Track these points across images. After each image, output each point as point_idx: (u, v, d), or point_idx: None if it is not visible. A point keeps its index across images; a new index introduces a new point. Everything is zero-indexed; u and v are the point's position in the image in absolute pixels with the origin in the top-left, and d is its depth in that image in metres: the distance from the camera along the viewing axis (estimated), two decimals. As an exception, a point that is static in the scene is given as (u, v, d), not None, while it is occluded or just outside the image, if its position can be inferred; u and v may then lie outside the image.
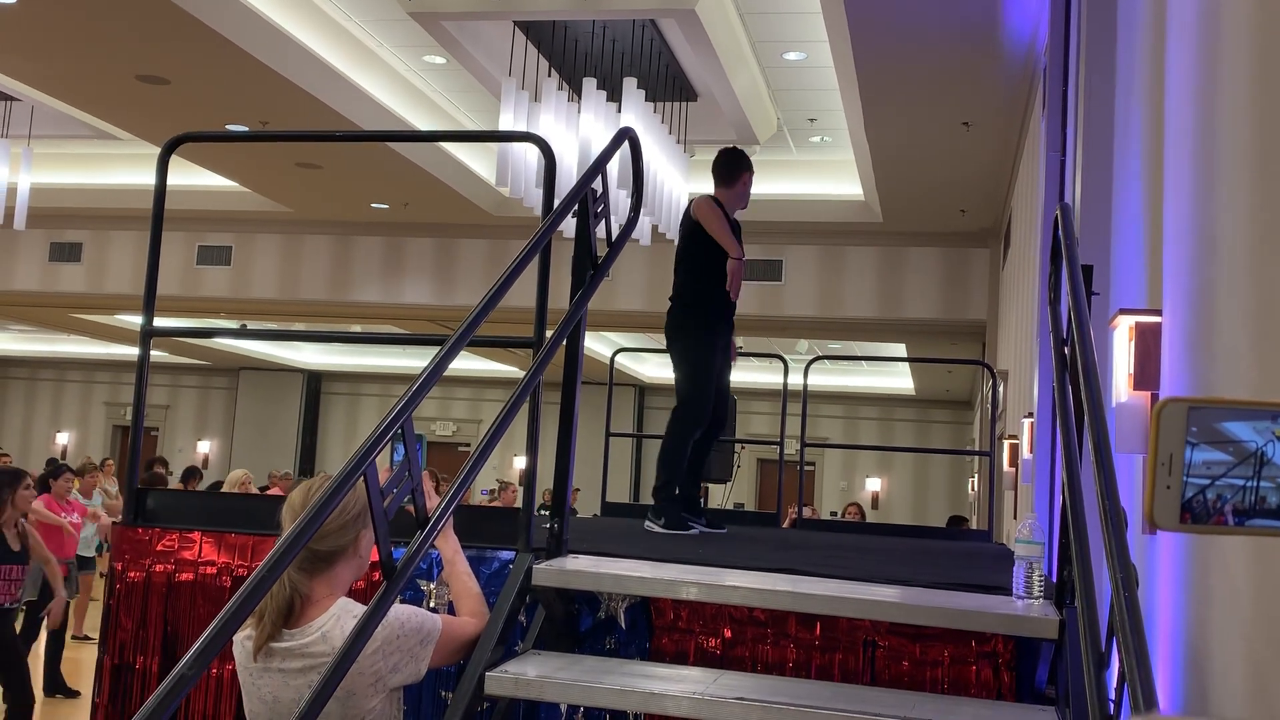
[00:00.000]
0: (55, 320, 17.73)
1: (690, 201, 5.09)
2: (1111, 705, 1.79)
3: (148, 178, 9.01)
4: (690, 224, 5.03)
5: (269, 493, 10.75)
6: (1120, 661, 1.66)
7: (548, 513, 3.18)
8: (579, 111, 8.11)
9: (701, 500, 5.44)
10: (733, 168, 5.14)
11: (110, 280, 14.56)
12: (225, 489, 10.05)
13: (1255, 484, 1.16)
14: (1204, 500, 1.17)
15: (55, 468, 9.69)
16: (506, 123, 7.84)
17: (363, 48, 9.83)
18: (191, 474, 13.54)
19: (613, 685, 2.55)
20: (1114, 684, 1.86)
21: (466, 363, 19.39)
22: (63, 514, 8.78)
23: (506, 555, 3.04)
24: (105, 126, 11.47)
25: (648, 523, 4.75)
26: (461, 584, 2.69)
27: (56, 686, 8.36)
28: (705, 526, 4.93)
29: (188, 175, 12.40)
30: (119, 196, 13.58)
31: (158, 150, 3.51)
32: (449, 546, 2.72)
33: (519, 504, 3.09)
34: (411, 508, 2.25)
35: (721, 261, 4.91)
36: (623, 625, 3.05)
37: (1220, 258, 2.19)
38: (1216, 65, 2.30)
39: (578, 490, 14.75)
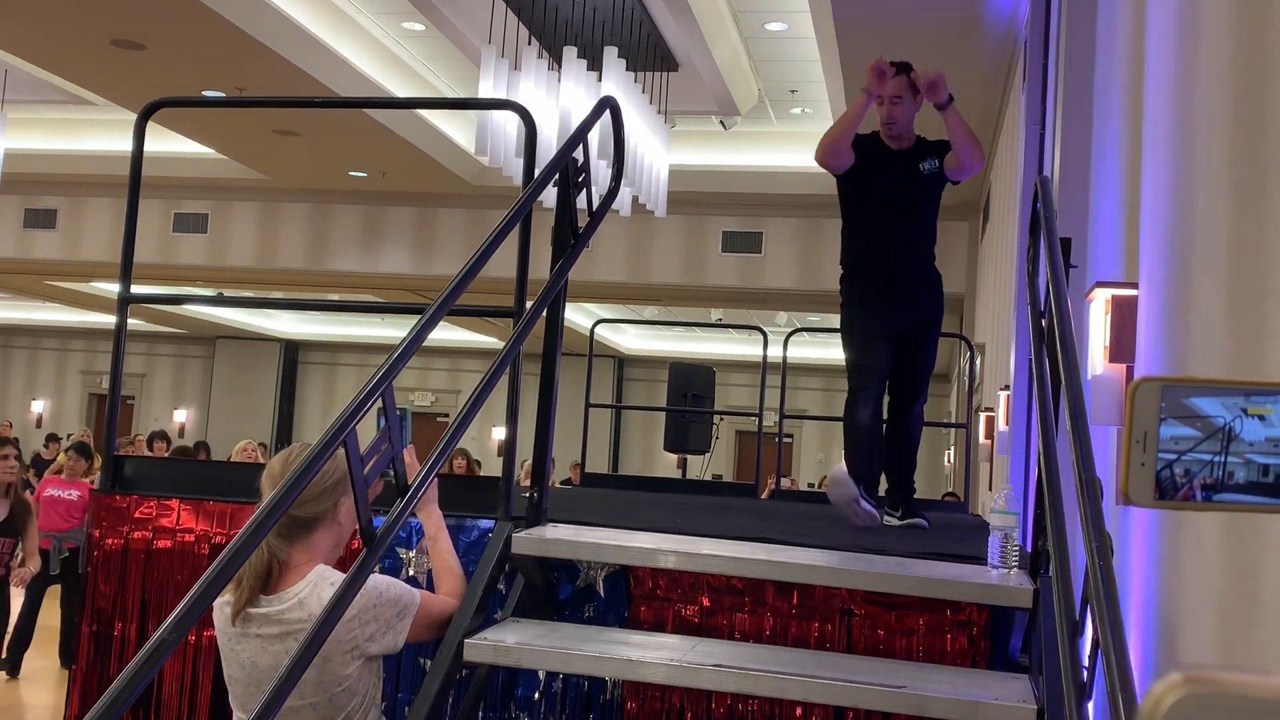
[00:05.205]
0: (30, 287, 17.59)
1: None
2: (1085, 672, 1.81)
3: (123, 144, 8.89)
4: None
5: None
6: (1094, 629, 1.68)
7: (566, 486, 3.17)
8: (559, 80, 8.07)
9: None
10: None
11: (86, 247, 14.44)
12: (234, 459, 9.98)
13: (1223, 459, 1.17)
14: (1171, 475, 1.18)
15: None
16: (486, 90, 7.79)
17: (341, 14, 9.75)
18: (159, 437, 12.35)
19: (591, 652, 2.57)
20: (1087, 652, 1.89)
21: (445, 333, 19.34)
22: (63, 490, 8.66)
23: (486, 524, 3.05)
24: (80, 92, 11.35)
25: (886, 517, 4.23)
26: (443, 562, 2.69)
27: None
28: (895, 517, 4.27)
29: (164, 142, 12.29)
30: (94, 163, 13.45)
31: (133, 116, 3.48)
32: (432, 523, 2.72)
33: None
34: (393, 477, 2.25)
35: (851, 220, 4.28)
36: (601, 594, 3.07)
37: (1197, 232, 2.20)
38: (1196, 39, 2.31)
39: (577, 465, 14.65)
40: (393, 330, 21.13)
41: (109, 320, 17.89)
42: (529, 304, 2.91)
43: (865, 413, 4.26)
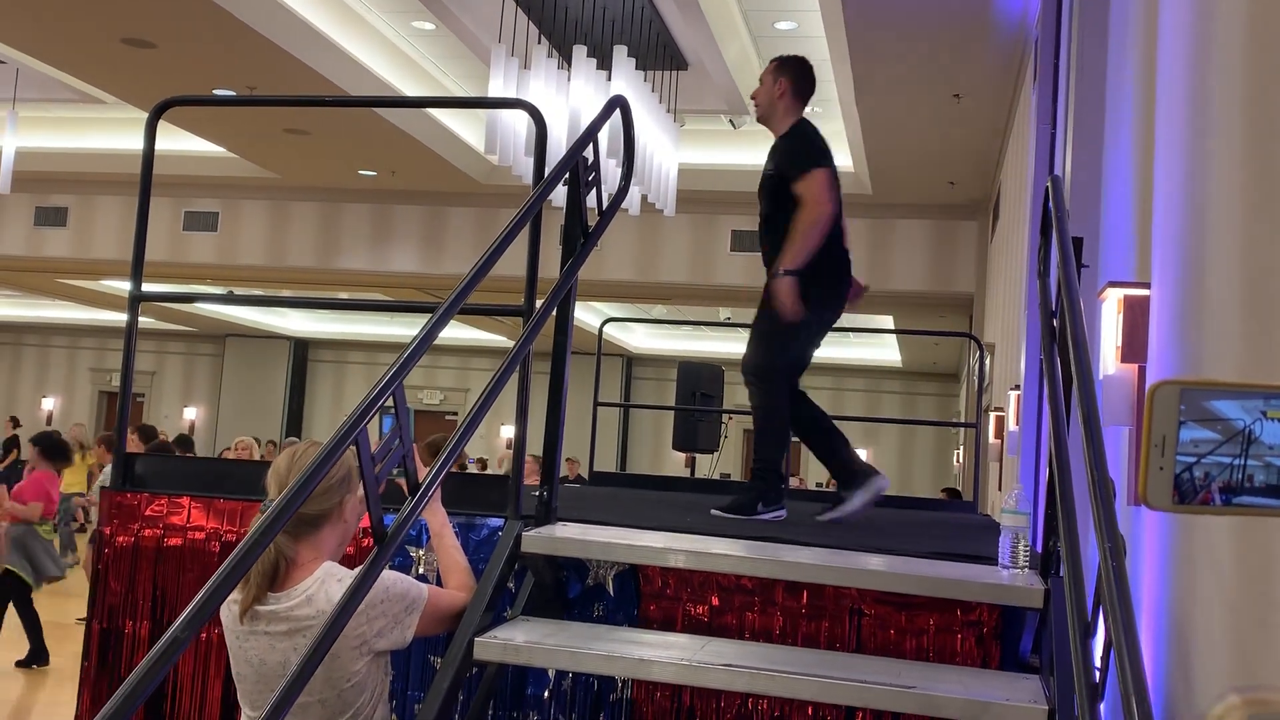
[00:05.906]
0: (41, 285, 17.64)
1: None
2: (1097, 673, 1.81)
3: (133, 142, 8.90)
4: None
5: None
6: (1106, 630, 1.68)
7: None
8: (569, 79, 8.07)
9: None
10: None
11: (96, 245, 14.48)
12: (233, 454, 9.99)
13: (1243, 462, 1.16)
14: (1191, 478, 1.17)
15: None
16: (496, 90, 7.79)
17: (351, 13, 9.76)
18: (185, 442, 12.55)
19: (600, 651, 2.56)
20: (1099, 653, 1.88)
21: (454, 331, 19.37)
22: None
23: (496, 522, 3.05)
24: (91, 90, 11.38)
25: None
26: (450, 557, 2.70)
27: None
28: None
29: (174, 140, 12.32)
30: (105, 161, 13.49)
31: (144, 115, 3.49)
32: (436, 520, 2.73)
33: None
34: (402, 477, 2.25)
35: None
36: (611, 592, 3.06)
37: (1210, 231, 2.19)
38: (1209, 38, 2.30)
39: (571, 460, 14.67)
40: (402, 329, 21.16)
41: (119, 318, 17.93)
42: (539, 303, 2.91)
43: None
